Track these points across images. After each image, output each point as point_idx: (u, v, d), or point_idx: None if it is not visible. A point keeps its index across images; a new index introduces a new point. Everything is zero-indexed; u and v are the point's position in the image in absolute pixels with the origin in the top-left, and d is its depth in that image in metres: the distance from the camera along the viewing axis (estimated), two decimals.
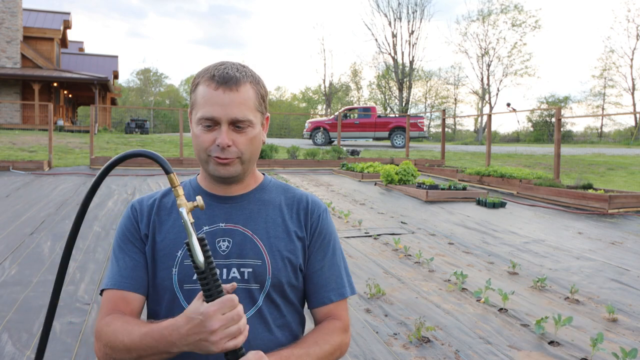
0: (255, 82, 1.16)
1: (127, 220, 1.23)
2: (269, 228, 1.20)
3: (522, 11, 41.00)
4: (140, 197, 1.28)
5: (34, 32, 25.15)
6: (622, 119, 48.92)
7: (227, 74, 1.12)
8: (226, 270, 1.15)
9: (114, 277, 1.18)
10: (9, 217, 5.91)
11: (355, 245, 5.18)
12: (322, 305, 1.22)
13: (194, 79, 1.18)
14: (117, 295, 1.16)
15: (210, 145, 1.13)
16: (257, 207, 1.22)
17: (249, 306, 1.14)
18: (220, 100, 1.11)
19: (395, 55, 40.01)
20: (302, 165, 12.43)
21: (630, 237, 5.66)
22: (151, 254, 1.19)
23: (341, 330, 1.21)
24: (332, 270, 1.24)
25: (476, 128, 44.61)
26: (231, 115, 1.11)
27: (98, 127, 22.98)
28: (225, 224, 1.19)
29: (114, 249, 1.23)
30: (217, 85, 1.11)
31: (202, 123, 1.13)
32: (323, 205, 1.30)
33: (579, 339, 2.94)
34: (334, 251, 1.26)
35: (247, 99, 1.13)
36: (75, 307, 3.32)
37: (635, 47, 38.35)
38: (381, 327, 3.11)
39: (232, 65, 1.15)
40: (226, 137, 1.11)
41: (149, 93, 61.87)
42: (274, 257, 1.17)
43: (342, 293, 1.24)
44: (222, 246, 1.16)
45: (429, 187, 8.26)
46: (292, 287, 1.21)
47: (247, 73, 1.15)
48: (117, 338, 1.06)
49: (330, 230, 1.27)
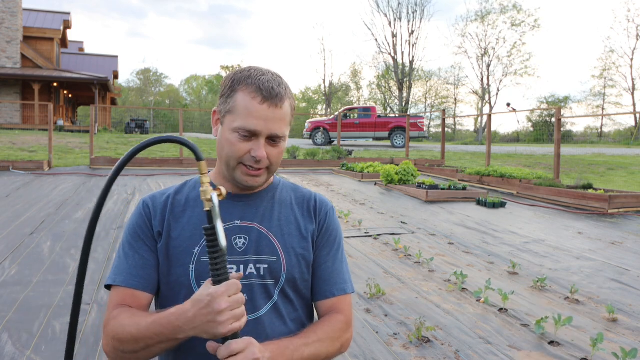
0: (291, 96, 1.20)
1: (139, 217, 1.23)
2: (283, 226, 1.24)
3: (521, 10, 41.02)
4: (152, 194, 1.29)
5: (34, 32, 25.16)
6: (622, 119, 48.95)
7: (272, 89, 1.14)
8: (243, 267, 1.17)
9: (122, 274, 1.18)
10: (9, 217, 5.91)
11: (355, 245, 5.18)
12: (325, 299, 1.25)
13: (230, 81, 1.18)
14: (127, 292, 1.17)
15: (244, 154, 1.15)
16: (271, 206, 1.26)
17: (265, 301, 1.18)
18: (264, 115, 1.13)
19: (395, 55, 40.02)
20: (302, 165, 12.43)
21: (630, 237, 5.66)
22: (165, 252, 1.19)
23: (343, 324, 1.22)
24: (335, 265, 1.28)
25: (476, 128, 44.62)
26: (272, 131, 1.14)
27: (98, 127, 22.99)
28: (241, 221, 1.21)
29: (123, 244, 1.23)
30: (263, 99, 1.13)
31: (240, 132, 1.14)
32: (330, 203, 1.35)
33: (579, 339, 2.94)
34: (338, 248, 1.30)
35: (286, 116, 1.17)
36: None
37: (635, 47, 38.35)
38: (381, 327, 3.11)
39: (272, 77, 1.17)
40: (263, 151, 1.14)
41: (149, 93, 61.87)
42: (289, 254, 1.21)
43: (344, 288, 1.27)
44: (238, 243, 1.19)
45: (429, 187, 8.26)
46: (305, 282, 1.24)
47: (286, 88, 1.18)
48: (125, 330, 1.07)
49: (336, 227, 1.31)
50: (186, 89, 68.14)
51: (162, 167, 11.32)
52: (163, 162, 11.49)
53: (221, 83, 1.23)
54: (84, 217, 6.08)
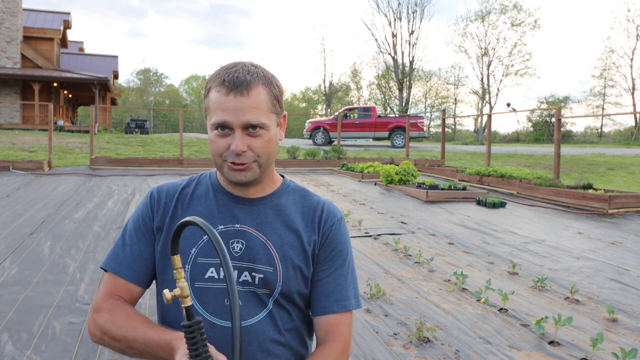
0: (268, 82, 1.12)
1: (145, 207, 1.22)
2: (283, 235, 1.18)
3: (521, 10, 41.04)
4: (161, 185, 1.26)
5: (34, 32, 25.16)
6: (622, 119, 48.91)
7: (237, 78, 1.08)
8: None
9: (117, 261, 1.18)
10: (9, 217, 5.91)
11: (355, 245, 5.18)
12: (323, 315, 1.19)
13: (206, 82, 1.17)
14: (119, 281, 1.17)
15: (224, 150, 1.11)
16: (273, 213, 1.20)
17: (260, 308, 1.14)
18: (231, 106, 1.08)
19: (395, 55, 40.04)
20: (302, 166, 12.43)
21: (630, 237, 5.66)
22: (162, 249, 1.18)
23: (340, 353, 1.16)
24: (338, 280, 1.21)
25: (476, 128, 44.61)
26: (243, 120, 1.08)
27: (98, 127, 22.98)
28: (241, 225, 1.17)
29: (125, 229, 1.23)
30: (227, 90, 1.08)
31: (216, 129, 1.12)
32: (339, 214, 1.26)
33: (579, 339, 2.94)
34: (343, 262, 1.23)
35: (259, 102, 1.10)
36: (76, 307, 3.32)
37: (635, 47, 38.38)
38: (381, 327, 3.11)
39: (243, 67, 1.12)
40: (240, 143, 1.09)
41: (149, 93, 61.88)
42: (286, 266, 1.16)
43: (345, 305, 1.20)
44: (235, 247, 1.15)
45: (429, 187, 8.25)
46: (302, 295, 1.19)
47: (258, 74, 1.11)
48: (120, 332, 1.08)
49: (343, 240, 1.23)
50: (186, 89, 68.19)
51: (162, 167, 11.32)
52: (163, 162, 11.50)
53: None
54: (84, 217, 6.08)
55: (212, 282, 1.13)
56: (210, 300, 1.12)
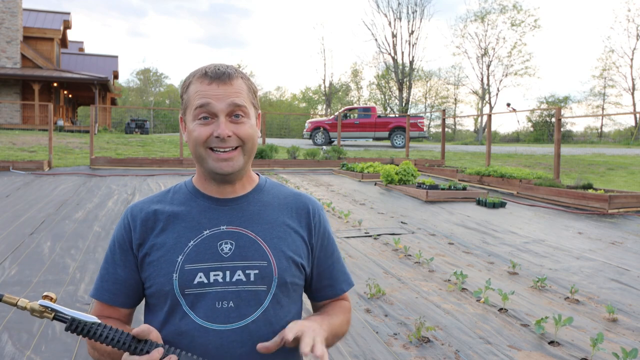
0: (246, 78, 1.19)
1: (119, 230, 1.22)
2: (271, 229, 1.20)
3: (520, 10, 41.04)
4: (136, 203, 1.26)
5: (34, 32, 25.15)
6: (622, 119, 48.95)
7: (219, 69, 1.14)
8: (230, 273, 1.13)
9: (97, 287, 1.21)
10: (9, 217, 5.91)
11: (355, 245, 5.18)
12: (336, 297, 1.30)
13: (183, 82, 1.19)
14: (103, 305, 1.20)
15: (208, 137, 1.12)
16: (258, 209, 1.22)
17: (254, 308, 1.13)
18: (215, 93, 1.12)
19: (395, 55, 40.05)
20: (302, 166, 12.43)
21: (630, 237, 5.66)
22: (147, 261, 1.17)
23: (349, 310, 1.32)
24: (339, 263, 1.32)
25: (476, 128, 44.63)
26: (228, 102, 1.12)
27: (98, 127, 22.98)
28: (227, 226, 1.17)
29: (105, 254, 1.24)
30: (210, 80, 1.12)
31: (199, 115, 1.13)
32: (318, 202, 1.33)
33: (579, 339, 2.94)
34: (334, 246, 1.32)
35: (241, 90, 1.15)
36: (75, 307, 3.32)
37: (635, 47, 38.38)
38: (381, 327, 3.11)
39: (221, 64, 1.18)
40: (225, 127, 1.11)
41: (149, 93, 61.89)
42: (279, 258, 1.17)
43: (350, 282, 1.33)
44: (224, 249, 1.15)
45: (429, 187, 8.26)
46: (296, 285, 1.21)
47: (237, 70, 1.18)
48: (104, 349, 1.09)
49: (328, 227, 1.32)
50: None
51: (162, 167, 11.32)
52: (163, 162, 11.49)
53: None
54: (84, 217, 6.08)
55: (201, 287, 1.12)
56: (201, 306, 1.12)
